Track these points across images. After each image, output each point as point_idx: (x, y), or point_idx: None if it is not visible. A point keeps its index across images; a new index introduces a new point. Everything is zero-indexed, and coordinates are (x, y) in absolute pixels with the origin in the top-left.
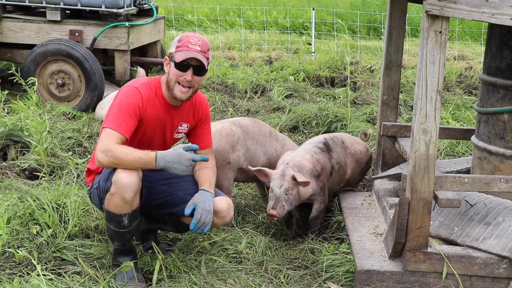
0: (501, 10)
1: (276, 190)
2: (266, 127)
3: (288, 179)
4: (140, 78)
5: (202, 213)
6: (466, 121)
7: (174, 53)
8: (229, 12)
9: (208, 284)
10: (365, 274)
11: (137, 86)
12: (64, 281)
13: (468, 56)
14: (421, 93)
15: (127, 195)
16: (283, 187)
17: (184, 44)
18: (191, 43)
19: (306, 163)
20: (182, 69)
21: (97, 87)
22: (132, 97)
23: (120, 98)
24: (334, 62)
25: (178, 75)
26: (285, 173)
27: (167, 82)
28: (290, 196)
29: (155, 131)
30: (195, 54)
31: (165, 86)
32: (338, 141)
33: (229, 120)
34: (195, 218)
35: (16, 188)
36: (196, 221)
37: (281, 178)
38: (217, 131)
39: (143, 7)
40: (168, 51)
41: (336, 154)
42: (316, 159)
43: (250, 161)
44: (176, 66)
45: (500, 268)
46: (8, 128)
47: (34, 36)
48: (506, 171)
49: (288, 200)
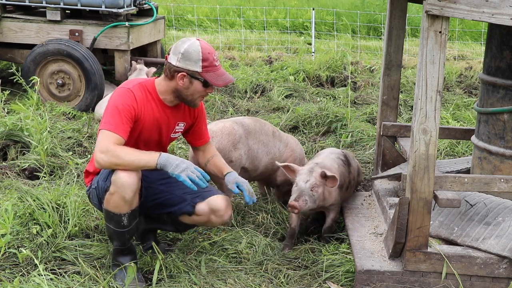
0: (501, 10)
1: (301, 184)
2: (269, 127)
3: (316, 176)
4: (134, 78)
5: (247, 185)
6: (466, 121)
7: (202, 73)
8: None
9: (208, 284)
10: (365, 274)
11: (130, 87)
12: (64, 281)
13: (468, 56)
14: (421, 93)
15: (127, 195)
16: (310, 182)
17: (211, 64)
18: (215, 59)
19: (336, 171)
20: (208, 86)
21: (97, 87)
22: (126, 98)
23: (114, 100)
24: (334, 62)
25: (203, 92)
26: (314, 170)
27: (179, 93)
28: (315, 193)
29: (151, 131)
30: (229, 77)
31: (173, 94)
32: (351, 157)
33: (231, 119)
34: (245, 191)
35: (16, 188)
36: (248, 193)
37: (309, 173)
38: (219, 130)
39: (143, 7)
40: (186, 67)
41: (353, 170)
42: (341, 171)
43: (252, 161)
44: (205, 85)
45: (500, 268)
46: (8, 128)
47: (34, 36)
48: (506, 171)
49: (312, 197)
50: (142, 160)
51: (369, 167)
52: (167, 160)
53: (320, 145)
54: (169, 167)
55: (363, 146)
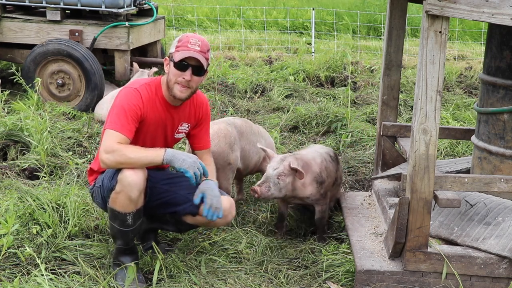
0: (501, 10)
1: (269, 171)
2: (254, 126)
3: (285, 164)
4: (140, 78)
5: (212, 198)
6: (466, 121)
7: (173, 53)
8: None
9: (208, 284)
10: (365, 274)
11: (137, 87)
12: (64, 281)
13: (468, 56)
14: (421, 93)
15: (133, 194)
16: (277, 170)
17: (184, 44)
18: (191, 43)
19: (315, 165)
20: (181, 69)
21: (97, 87)
22: (132, 98)
23: (120, 100)
24: (334, 62)
25: (178, 75)
26: (285, 159)
27: (167, 82)
28: (281, 181)
29: (157, 131)
30: (194, 53)
31: (165, 86)
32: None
33: (223, 120)
34: (207, 204)
35: (16, 188)
36: (208, 207)
37: (280, 162)
38: (215, 133)
39: (143, 7)
40: (168, 51)
41: (341, 168)
42: (325, 166)
43: (244, 161)
44: (175, 66)
45: (500, 268)
46: (8, 128)
47: (34, 36)
48: (506, 171)
49: (277, 185)
50: (148, 156)
51: (369, 167)
52: (173, 155)
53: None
54: (176, 162)
55: (363, 146)
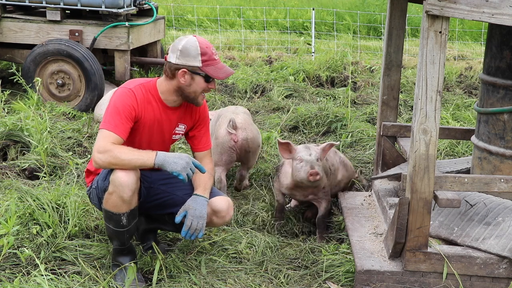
0: (501, 10)
1: (307, 157)
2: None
3: (316, 149)
4: (135, 79)
5: (193, 219)
6: (466, 121)
7: (202, 67)
8: (229, 12)
9: (208, 284)
10: (365, 274)
11: (131, 88)
12: (64, 281)
13: (468, 56)
14: (421, 93)
15: (125, 194)
16: (314, 155)
17: (210, 57)
18: (214, 53)
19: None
20: (210, 81)
21: (97, 87)
22: (126, 98)
23: (114, 100)
24: (334, 62)
25: (205, 86)
26: (310, 147)
27: (181, 91)
28: (320, 163)
29: (153, 131)
30: (229, 69)
31: (176, 93)
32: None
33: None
34: (185, 226)
35: (16, 188)
36: (187, 229)
37: (308, 149)
38: (245, 121)
39: (143, 7)
40: (186, 63)
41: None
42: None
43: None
44: (206, 80)
45: (500, 268)
46: (8, 128)
47: (34, 36)
48: (506, 171)
49: (320, 167)
50: (139, 159)
51: (369, 167)
52: (164, 159)
53: None
54: (167, 166)
55: (363, 146)
